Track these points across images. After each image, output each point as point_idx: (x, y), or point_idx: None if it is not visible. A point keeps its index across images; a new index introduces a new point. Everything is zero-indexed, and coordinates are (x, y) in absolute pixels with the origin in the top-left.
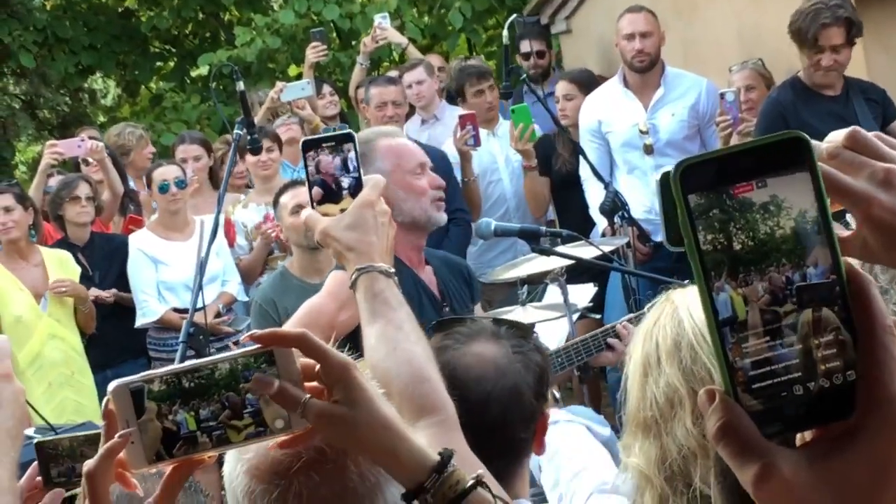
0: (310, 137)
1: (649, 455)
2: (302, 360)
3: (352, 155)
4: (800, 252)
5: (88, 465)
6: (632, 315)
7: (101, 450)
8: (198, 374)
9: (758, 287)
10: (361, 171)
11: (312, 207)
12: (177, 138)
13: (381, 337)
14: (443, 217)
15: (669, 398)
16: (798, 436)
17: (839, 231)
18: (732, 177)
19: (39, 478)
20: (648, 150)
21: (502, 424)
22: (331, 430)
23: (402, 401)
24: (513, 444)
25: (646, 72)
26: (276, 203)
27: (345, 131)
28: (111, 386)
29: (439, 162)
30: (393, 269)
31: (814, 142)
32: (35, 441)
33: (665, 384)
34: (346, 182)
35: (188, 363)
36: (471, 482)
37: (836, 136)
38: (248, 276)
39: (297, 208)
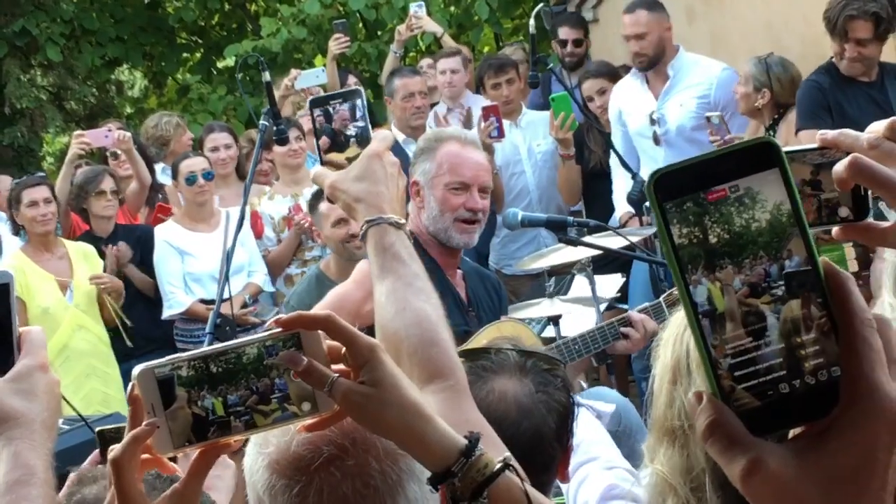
0: (318, 96)
1: (674, 463)
2: (327, 342)
3: (360, 104)
4: (776, 244)
5: (114, 451)
6: (647, 304)
7: (127, 437)
8: (225, 358)
9: (735, 279)
10: (369, 122)
11: (321, 158)
12: (204, 128)
13: (391, 295)
14: (464, 239)
15: None
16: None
17: (879, 221)
18: (706, 182)
19: (101, 465)
20: (657, 140)
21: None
22: (357, 411)
23: (412, 364)
24: None
25: (647, 70)
26: (312, 207)
27: (353, 88)
28: (136, 370)
29: None
30: (404, 221)
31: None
32: (97, 429)
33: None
34: (352, 130)
35: (214, 346)
36: (498, 465)
37: (877, 127)
38: (277, 268)
39: (341, 222)
